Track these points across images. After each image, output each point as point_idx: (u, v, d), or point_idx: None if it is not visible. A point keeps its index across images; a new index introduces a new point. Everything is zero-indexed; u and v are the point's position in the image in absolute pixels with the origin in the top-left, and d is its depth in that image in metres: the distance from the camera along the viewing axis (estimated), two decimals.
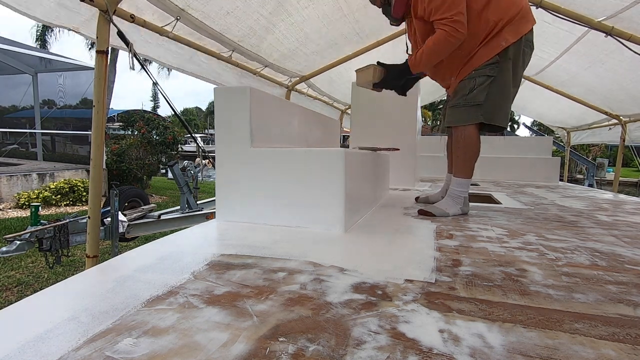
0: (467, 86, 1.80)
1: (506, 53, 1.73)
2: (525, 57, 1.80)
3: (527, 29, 1.74)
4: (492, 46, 1.74)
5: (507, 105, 1.84)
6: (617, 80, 4.02)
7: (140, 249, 1.23)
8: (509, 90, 1.81)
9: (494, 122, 1.81)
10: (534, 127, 23.11)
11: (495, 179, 4.56)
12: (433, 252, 1.23)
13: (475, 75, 1.78)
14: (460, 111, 1.84)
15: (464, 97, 1.81)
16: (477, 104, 1.78)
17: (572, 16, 2.83)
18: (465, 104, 1.81)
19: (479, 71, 1.77)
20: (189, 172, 4.90)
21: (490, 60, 1.75)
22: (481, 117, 1.79)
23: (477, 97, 1.78)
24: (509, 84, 1.79)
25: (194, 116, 48.47)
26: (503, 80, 1.76)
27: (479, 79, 1.77)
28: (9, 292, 3.43)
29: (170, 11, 2.53)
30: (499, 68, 1.74)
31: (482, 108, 1.78)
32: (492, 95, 1.77)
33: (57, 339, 0.65)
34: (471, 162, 1.89)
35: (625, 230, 1.67)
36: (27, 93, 10.30)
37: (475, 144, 1.86)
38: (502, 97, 1.80)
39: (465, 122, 1.83)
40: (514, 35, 1.72)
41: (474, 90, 1.78)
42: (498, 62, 1.74)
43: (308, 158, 1.52)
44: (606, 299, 0.86)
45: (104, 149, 2.13)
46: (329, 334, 0.67)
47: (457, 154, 1.92)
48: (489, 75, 1.75)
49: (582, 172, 15.69)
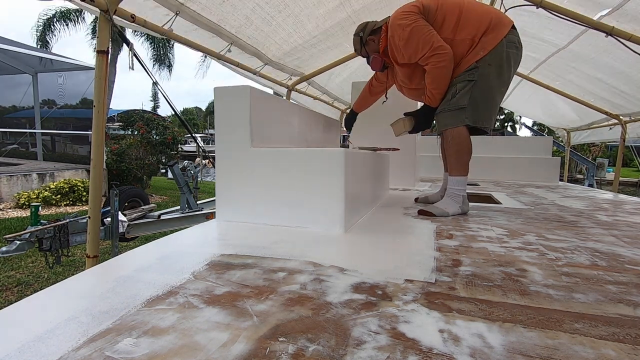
0: (450, 92, 1.89)
1: (485, 59, 1.81)
2: (512, 57, 1.85)
3: (503, 33, 1.82)
4: (470, 56, 1.84)
5: (491, 106, 1.90)
6: (617, 80, 4.02)
7: (140, 249, 1.23)
8: (493, 93, 1.88)
9: (479, 124, 1.87)
10: (534, 127, 23.13)
11: (495, 179, 4.56)
12: (433, 252, 1.23)
13: (455, 82, 1.88)
14: (446, 116, 1.91)
15: (448, 102, 1.90)
16: (461, 107, 1.85)
17: (572, 16, 2.83)
18: (449, 109, 1.89)
19: (459, 78, 1.87)
20: (189, 172, 4.89)
21: (468, 67, 1.84)
22: (466, 119, 1.86)
23: (460, 101, 1.85)
24: (492, 87, 1.86)
25: (193, 116, 48.45)
26: (485, 83, 1.83)
27: (460, 84, 1.86)
28: (9, 292, 3.43)
29: (170, 5, 2.52)
30: (478, 72, 1.82)
31: (466, 111, 1.85)
32: (475, 99, 1.84)
33: (57, 339, 0.65)
34: (464, 160, 1.92)
35: (625, 230, 1.67)
36: (27, 93, 10.30)
37: (465, 141, 1.90)
38: (486, 99, 1.86)
39: (453, 125, 1.90)
40: (491, 42, 1.81)
41: (457, 94, 1.86)
42: (477, 67, 1.82)
43: (308, 158, 1.52)
44: (606, 299, 0.86)
45: (104, 149, 2.13)
46: (329, 334, 0.67)
47: (449, 154, 1.98)
48: (469, 80, 1.84)
49: (582, 172, 15.69)
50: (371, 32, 2.11)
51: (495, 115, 1.94)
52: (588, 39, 3.40)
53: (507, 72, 1.87)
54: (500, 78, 1.86)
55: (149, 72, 2.51)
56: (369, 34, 2.12)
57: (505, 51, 1.82)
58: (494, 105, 1.92)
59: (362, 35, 2.15)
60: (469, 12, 1.85)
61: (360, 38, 2.16)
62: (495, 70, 1.83)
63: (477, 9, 1.86)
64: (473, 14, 1.84)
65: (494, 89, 1.87)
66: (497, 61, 1.82)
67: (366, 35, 2.13)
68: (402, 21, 1.88)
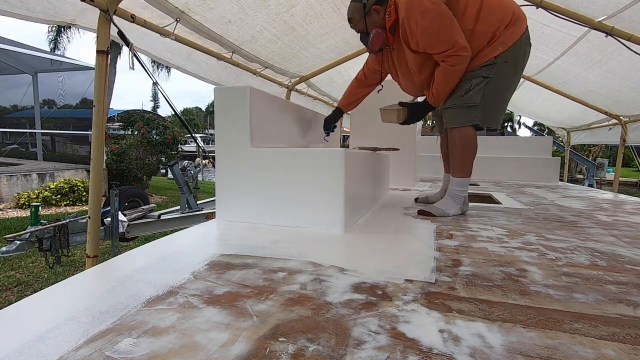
0: (463, 87, 1.77)
1: (503, 55, 1.71)
2: (527, 55, 1.78)
3: (523, 29, 1.72)
4: (488, 50, 1.72)
5: (503, 107, 1.83)
6: (617, 81, 4.02)
7: (140, 249, 1.23)
8: (505, 92, 1.80)
9: (487, 124, 1.80)
10: (534, 127, 23.13)
11: (495, 179, 4.56)
12: (433, 252, 1.23)
13: (471, 77, 1.75)
14: (455, 113, 1.81)
15: (460, 98, 1.78)
16: (473, 105, 1.76)
17: (572, 16, 2.83)
18: (461, 105, 1.79)
19: (475, 72, 1.74)
20: (189, 172, 4.89)
21: (486, 62, 1.72)
22: (476, 118, 1.77)
23: (473, 98, 1.75)
24: (505, 86, 1.78)
25: (193, 116, 48.45)
26: (499, 82, 1.75)
27: (475, 80, 1.74)
28: (9, 292, 3.42)
29: (171, 12, 2.53)
30: (495, 69, 1.72)
31: (477, 109, 1.76)
32: (487, 97, 1.75)
33: (57, 339, 0.65)
34: (470, 162, 1.87)
35: (625, 230, 1.66)
36: (27, 93, 10.29)
37: (473, 143, 1.84)
38: (498, 99, 1.79)
39: (461, 123, 1.81)
40: (512, 37, 1.70)
41: (470, 91, 1.75)
42: (494, 63, 1.72)
43: (308, 158, 1.52)
44: (606, 299, 0.86)
45: (104, 149, 2.13)
46: (329, 334, 0.67)
47: (454, 155, 1.90)
48: (484, 76, 1.73)
49: (582, 172, 15.68)
50: (377, 1, 1.76)
51: (502, 115, 1.87)
52: (588, 39, 3.39)
53: (520, 70, 1.79)
54: (514, 77, 1.78)
55: (148, 72, 2.51)
56: (374, 2, 1.76)
57: (523, 49, 1.72)
58: (504, 105, 1.84)
59: (365, 2, 1.76)
60: (491, 1, 1.69)
61: (363, 5, 1.77)
62: (511, 69, 1.73)
63: (497, 2, 1.71)
64: (497, 4, 1.69)
65: (507, 89, 1.79)
66: (514, 59, 1.72)
67: (370, 3, 1.76)
68: (424, 2, 1.62)
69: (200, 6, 2.60)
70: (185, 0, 2.50)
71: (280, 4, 2.88)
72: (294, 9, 3.01)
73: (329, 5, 3.16)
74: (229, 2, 2.67)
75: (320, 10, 3.16)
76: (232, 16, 2.82)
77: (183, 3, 2.51)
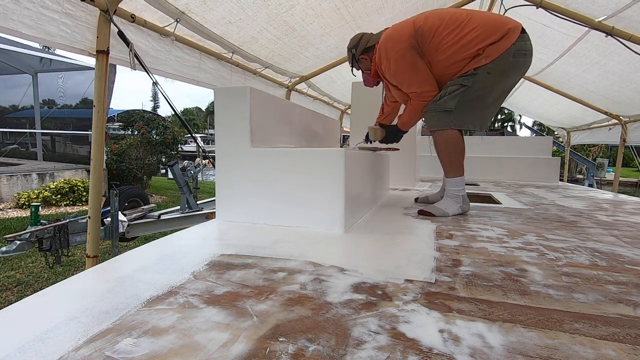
0: (440, 92, 1.85)
1: (486, 67, 1.72)
2: (518, 66, 1.75)
3: (507, 44, 1.68)
4: (471, 63, 1.75)
5: (481, 113, 1.84)
6: (617, 81, 4.03)
7: (140, 249, 1.23)
8: (485, 100, 1.81)
9: (465, 127, 1.84)
10: (534, 127, 23.13)
11: (495, 179, 4.56)
12: (433, 252, 1.23)
13: (449, 85, 1.82)
14: (431, 116, 1.88)
15: (435, 102, 1.86)
16: (447, 110, 1.81)
17: (572, 16, 2.83)
18: (435, 109, 1.85)
19: (454, 80, 1.81)
20: (189, 172, 4.89)
21: (466, 72, 1.76)
22: (451, 123, 1.82)
23: (447, 104, 1.80)
24: (485, 94, 1.78)
25: (193, 116, 48.45)
26: (478, 91, 1.76)
27: (452, 87, 1.80)
28: (9, 292, 3.42)
29: (171, 13, 2.53)
30: (473, 79, 1.74)
31: (451, 115, 1.81)
32: (463, 104, 1.78)
33: (57, 339, 0.65)
34: (458, 161, 1.90)
35: (625, 230, 1.67)
36: (27, 93, 10.29)
37: (457, 143, 1.87)
38: (477, 105, 1.80)
39: (437, 127, 1.87)
40: (495, 52, 1.70)
41: (445, 96, 1.81)
42: (474, 74, 1.74)
43: (308, 158, 1.52)
44: (606, 299, 0.86)
45: (104, 149, 2.13)
46: (329, 334, 0.67)
47: (441, 157, 1.95)
48: (462, 84, 1.77)
49: (582, 172, 15.68)
50: (364, 50, 2.03)
51: (488, 117, 1.88)
52: (588, 40, 3.40)
53: (510, 79, 1.79)
54: (499, 84, 1.77)
55: (149, 72, 2.51)
56: (361, 52, 2.04)
57: (511, 61, 1.71)
58: (486, 110, 1.85)
59: (354, 53, 2.06)
60: (470, 27, 1.71)
61: (352, 55, 2.07)
62: (494, 79, 1.74)
63: (480, 22, 1.72)
64: (475, 30, 1.71)
65: (487, 97, 1.79)
66: (498, 70, 1.72)
67: (359, 52, 2.04)
68: (390, 52, 1.82)
69: (201, 7, 2.60)
70: (185, 1, 2.50)
71: (280, 4, 2.88)
72: (294, 9, 3.01)
73: (329, 5, 3.16)
74: (229, 3, 2.67)
75: (320, 10, 3.17)
76: (232, 17, 2.82)
77: (183, 4, 2.51)
